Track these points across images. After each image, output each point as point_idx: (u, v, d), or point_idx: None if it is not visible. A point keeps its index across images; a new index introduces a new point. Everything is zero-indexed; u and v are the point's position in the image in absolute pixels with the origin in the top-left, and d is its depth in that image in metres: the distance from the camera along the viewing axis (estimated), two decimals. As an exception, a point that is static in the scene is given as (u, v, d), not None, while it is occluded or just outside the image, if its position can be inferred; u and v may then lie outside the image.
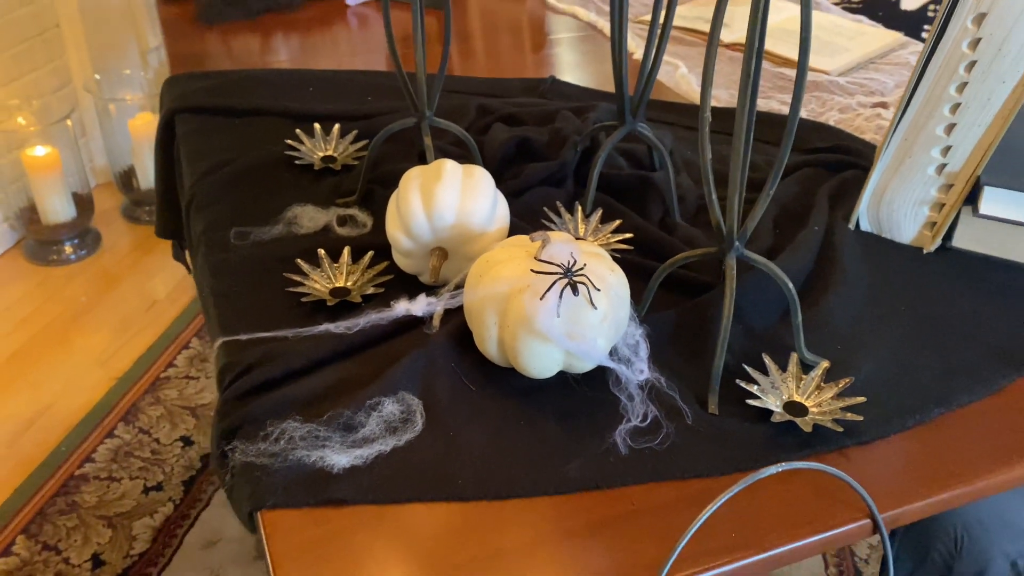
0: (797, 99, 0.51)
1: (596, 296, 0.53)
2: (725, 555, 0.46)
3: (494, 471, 0.50)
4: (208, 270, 0.67)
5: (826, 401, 0.55)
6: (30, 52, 2.05)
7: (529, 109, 0.88)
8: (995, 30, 0.62)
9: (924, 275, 0.69)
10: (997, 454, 0.53)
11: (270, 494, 0.48)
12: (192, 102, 0.93)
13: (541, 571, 0.45)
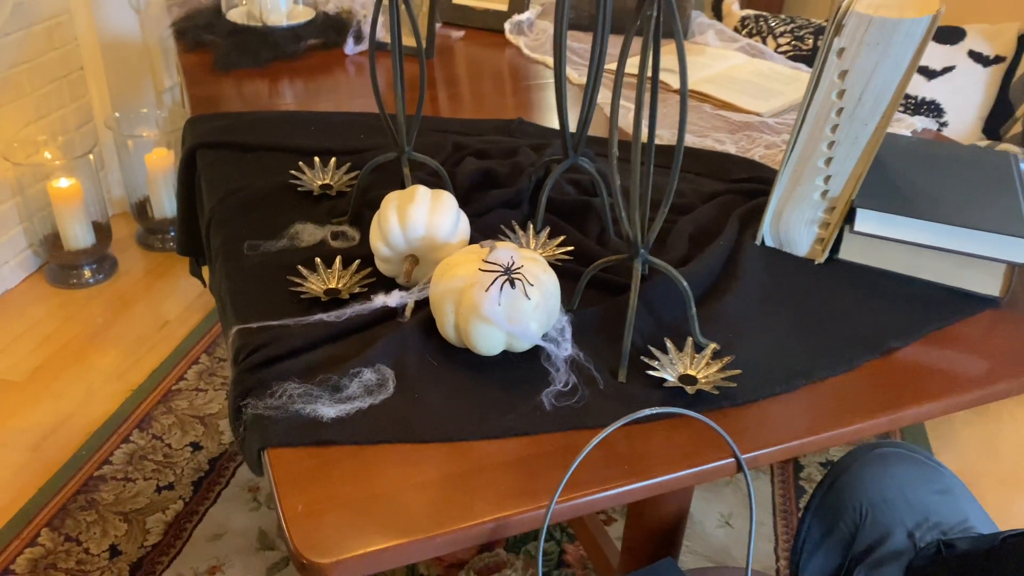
0: (680, 137, 0.67)
1: (530, 290, 0.68)
2: (619, 480, 0.61)
3: (447, 422, 0.65)
4: (225, 275, 0.82)
5: (711, 374, 0.70)
6: (57, 92, 2.23)
7: (497, 145, 1.04)
8: (854, 83, 0.78)
9: (812, 281, 0.85)
10: (842, 415, 0.68)
11: (274, 436, 0.63)
12: (210, 139, 1.09)
13: (481, 490, 0.59)
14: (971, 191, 0.87)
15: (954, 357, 0.76)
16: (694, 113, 1.22)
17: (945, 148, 0.98)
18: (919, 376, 0.73)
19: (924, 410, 0.70)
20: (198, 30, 1.43)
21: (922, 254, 0.84)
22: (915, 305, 0.82)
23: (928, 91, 1.69)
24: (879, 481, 1.05)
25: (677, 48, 0.63)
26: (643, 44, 0.63)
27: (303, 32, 1.42)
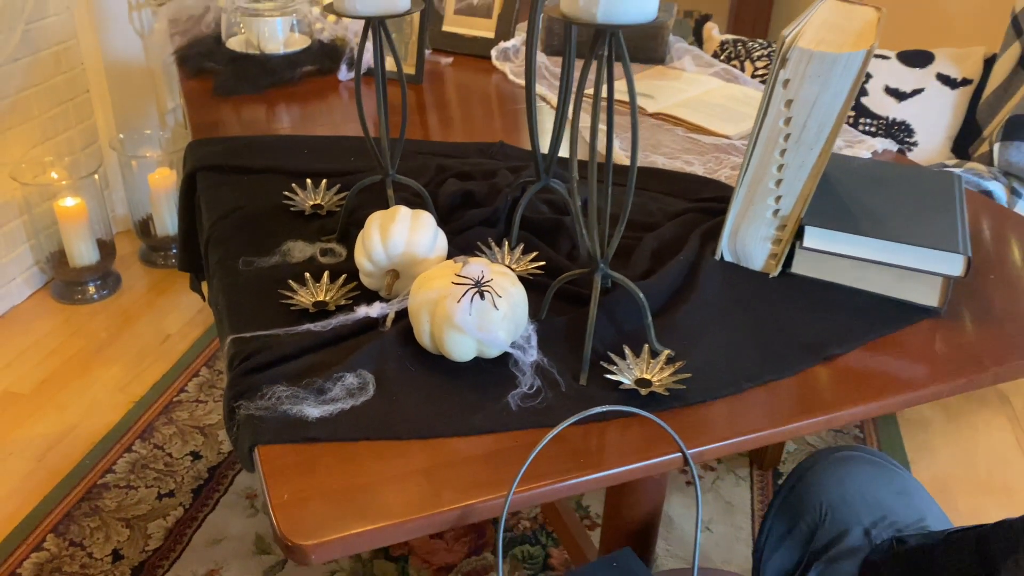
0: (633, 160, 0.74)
1: (498, 301, 0.75)
2: (575, 472, 0.67)
3: (422, 421, 0.71)
4: (222, 289, 0.89)
5: (664, 378, 0.76)
6: (64, 114, 2.31)
7: (478, 167, 1.11)
8: (799, 112, 0.85)
9: (765, 293, 0.91)
10: (783, 415, 0.75)
11: (264, 434, 0.69)
12: (210, 162, 1.16)
13: (450, 481, 0.66)
14: (913, 209, 0.94)
15: (892, 362, 0.82)
16: (667, 136, 1.29)
17: (894, 169, 1.05)
18: (858, 379, 0.80)
19: (859, 410, 0.77)
20: (199, 57, 1.51)
21: (866, 268, 0.90)
22: (860, 315, 0.88)
23: (899, 112, 1.77)
24: (839, 482, 1.11)
25: (628, 84, 0.70)
26: (596, 80, 0.70)
27: (299, 59, 1.49)
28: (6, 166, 2.13)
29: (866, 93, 1.78)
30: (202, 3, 1.68)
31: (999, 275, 0.98)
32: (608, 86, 0.71)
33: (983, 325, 0.88)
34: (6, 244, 2.19)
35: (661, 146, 1.25)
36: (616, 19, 0.65)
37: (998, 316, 0.90)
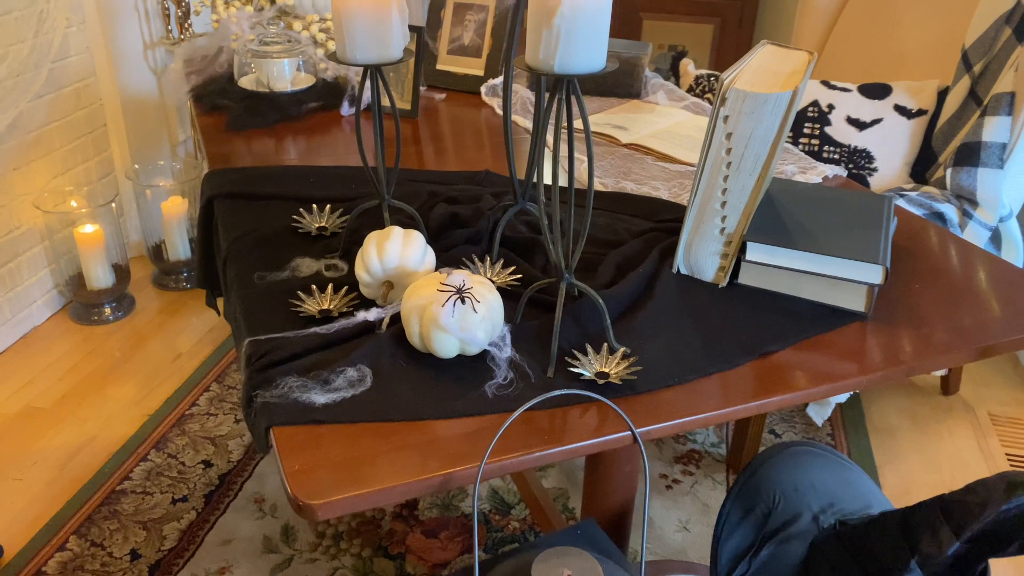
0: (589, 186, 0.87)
1: (477, 306, 0.88)
2: (540, 447, 0.80)
3: (411, 406, 0.84)
4: (240, 299, 1.02)
5: (619, 370, 0.89)
6: (82, 147, 2.46)
7: (464, 193, 1.25)
8: (738, 144, 0.99)
9: (714, 301, 1.04)
10: (720, 401, 0.87)
11: (278, 417, 0.82)
12: (226, 190, 1.30)
13: (434, 454, 0.79)
14: (843, 227, 1.07)
15: (820, 358, 0.95)
16: (637, 164, 1.43)
17: (832, 192, 1.19)
18: (788, 372, 0.92)
19: (787, 397, 0.89)
20: (214, 95, 1.65)
21: (801, 278, 1.04)
22: (795, 319, 1.01)
23: (859, 141, 1.91)
24: (792, 473, 1.24)
25: (583, 122, 0.83)
26: (556, 118, 0.84)
27: (304, 96, 1.64)
28: (30, 195, 2.27)
29: (829, 123, 1.93)
30: (215, 44, 1.83)
31: (923, 284, 1.11)
32: (568, 123, 0.85)
33: (904, 327, 1.01)
34: (29, 269, 2.32)
35: (631, 173, 1.39)
36: (570, 70, 0.79)
37: (918, 319, 1.03)
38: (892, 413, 2.14)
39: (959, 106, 1.90)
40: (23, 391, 2.13)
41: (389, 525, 1.75)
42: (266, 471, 1.88)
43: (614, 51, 1.72)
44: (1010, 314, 1.05)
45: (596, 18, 0.76)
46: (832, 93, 1.94)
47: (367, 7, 0.94)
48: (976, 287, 1.10)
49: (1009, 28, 1.84)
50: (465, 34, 1.77)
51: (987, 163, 1.80)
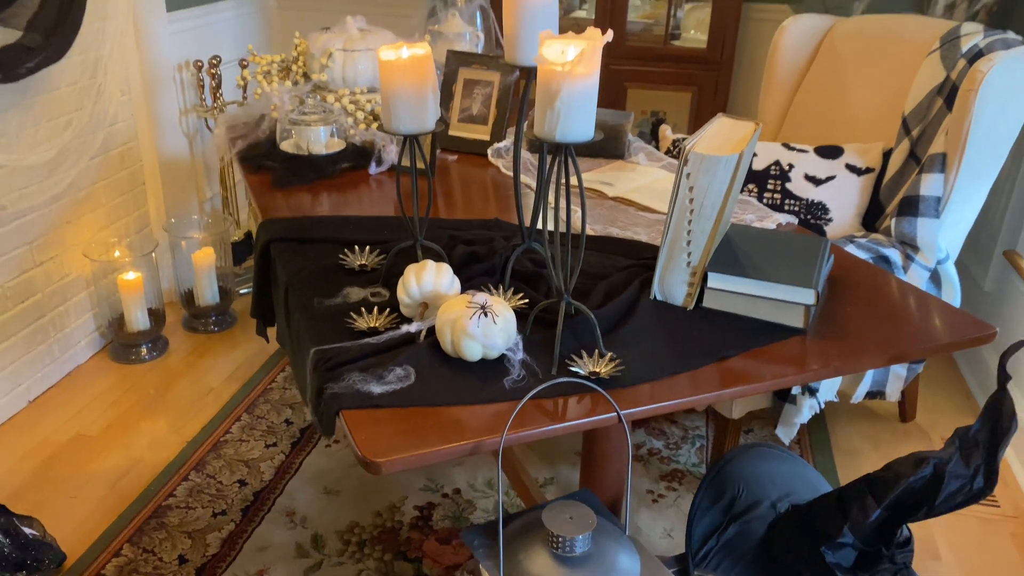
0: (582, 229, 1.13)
1: (496, 319, 1.13)
2: (547, 422, 1.05)
3: (447, 395, 1.09)
4: (303, 319, 1.28)
5: (607, 369, 1.14)
6: (124, 203, 2.73)
7: (479, 236, 1.51)
8: (698, 195, 1.26)
9: (683, 320, 1.30)
10: (686, 392, 1.13)
11: (346, 403, 1.07)
12: (279, 235, 1.56)
13: (467, 428, 1.03)
14: (787, 261, 1.33)
15: (765, 362, 1.21)
16: (622, 213, 1.70)
17: (780, 235, 1.46)
18: (739, 372, 1.18)
19: (736, 390, 1.15)
20: (259, 158, 1.93)
21: (753, 301, 1.30)
22: (747, 333, 1.27)
23: (816, 195, 2.19)
24: (754, 468, 1.48)
25: (578, 181, 1.10)
26: (555, 176, 1.11)
27: (337, 158, 1.91)
28: (79, 246, 2.53)
29: (790, 180, 2.21)
30: (257, 113, 2.11)
31: (854, 309, 1.37)
32: (566, 180, 1.12)
33: (834, 339, 1.27)
34: (75, 312, 2.57)
35: (617, 221, 1.66)
36: (567, 139, 1.06)
37: (846, 334, 1.29)
38: (855, 437, 2.39)
39: (901, 165, 2.19)
40: (72, 421, 2.36)
41: (407, 534, 1.97)
42: (295, 488, 2.11)
43: (602, 119, 2.01)
44: (918, 330, 1.31)
45: (585, 103, 1.04)
46: (792, 154, 2.23)
47: (410, 91, 1.22)
48: (895, 310, 1.37)
49: (940, 98, 2.14)
50: (473, 105, 2.06)
51: (925, 213, 2.08)
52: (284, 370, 2.62)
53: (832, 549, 1.25)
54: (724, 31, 3.26)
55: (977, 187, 2.12)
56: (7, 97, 2.12)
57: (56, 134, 2.27)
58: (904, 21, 2.42)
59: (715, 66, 3.31)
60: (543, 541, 1.03)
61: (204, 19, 3.04)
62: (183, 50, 2.88)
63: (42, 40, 2.06)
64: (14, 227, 2.27)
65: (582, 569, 1.00)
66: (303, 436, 2.30)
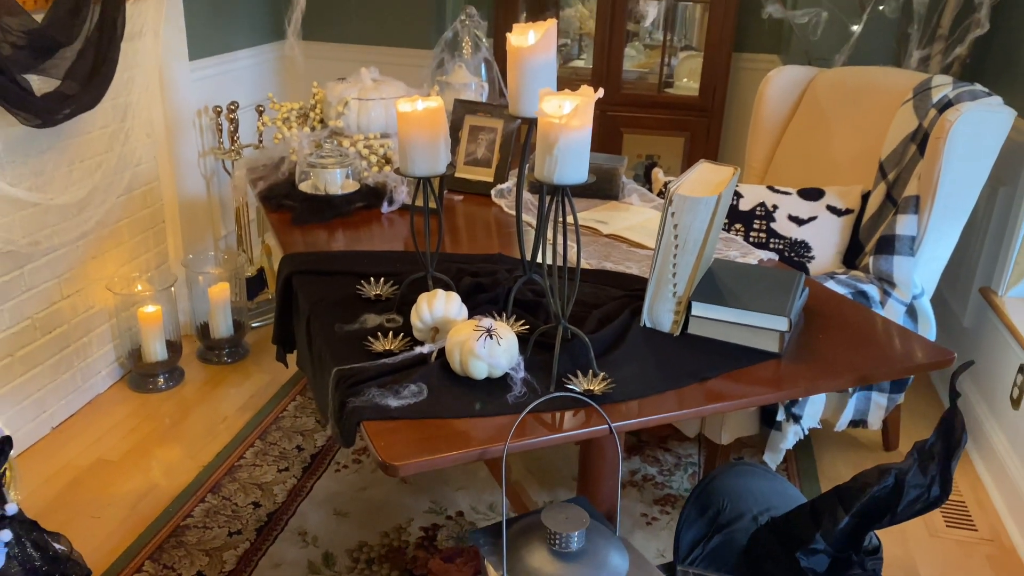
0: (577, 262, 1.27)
1: (500, 340, 1.26)
2: (546, 432, 1.17)
3: (455, 409, 1.22)
4: (325, 342, 1.41)
5: (600, 387, 1.27)
6: (145, 240, 2.87)
7: (484, 269, 1.65)
8: (682, 232, 1.40)
9: (670, 345, 1.43)
10: (671, 408, 1.25)
11: (365, 415, 1.19)
12: (301, 268, 1.70)
13: (474, 437, 1.16)
14: (764, 292, 1.47)
15: (743, 382, 1.33)
16: (615, 249, 1.84)
17: (759, 269, 1.59)
18: (719, 391, 1.31)
19: (716, 407, 1.28)
20: (280, 197, 2.08)
21: (733, 328, 1.43)
22: (728, 357, 1.40)
23: (799, 234, 2.33)
24: (737, 484, 1.60)
25: (573, 219, 1.24)
26: (554, 215, 1.25)
27: (352, 198, 2.06)
28: (103, 280, 2.67)
29: (775, 220, 2.36)
30: (276, 156, 2.27)
31: (827, 336, 1.50)
32: (563, 218, 1.26)
33: (806, 363, 1.40)
34: (98, 343, 2.70)
35: (611, 256, 1.80)
36: (564, 181, 1.20)
37: (818, 358, 1.42)
38: (840, 464, 2.50)
39: (878, 206, 2.34)
40: (94, 447, 2.47)
41: (413, 552, 2.08)
42: (307, 510, 2.22)
43: (597, 163, 2.16)
44: (884, 356, 1.44)
45: (580, 150, 1.18)
46: (776, 196, 2.38)
47: (424, 138, 1.37)
48: (864, 338, 1.50)
49: (914, 145, 2.30)
50: (478, 149, 2.22)
51: (901, 252, 2.23)
52: (295, 399, 2.74)
53: (806, 555, 1.36)
54: (715, 80, 3.44)
55: (949, 227, 2.26)
56: (45, 140, 2.28)
57: (87, 175, 2.42)
58: (881, 73, 2.59)
59: (707, 113, 3.48)
60: (541, 539, 1.15)
61: (223, 67, 3.22)
62: (203, 96, 3.05)
63: (78, 88, 2.22)
64: (44, 262, 2.41)
65: (576, 564, 1.12)
66: (314, 461, 2.41)
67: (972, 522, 2.28)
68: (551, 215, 1.27)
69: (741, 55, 3.58)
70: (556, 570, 1.11)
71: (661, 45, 3.68)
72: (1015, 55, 2.70)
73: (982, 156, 2.20)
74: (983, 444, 2.49)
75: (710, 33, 3.40)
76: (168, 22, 2.70)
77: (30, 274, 2.37)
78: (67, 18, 2.16)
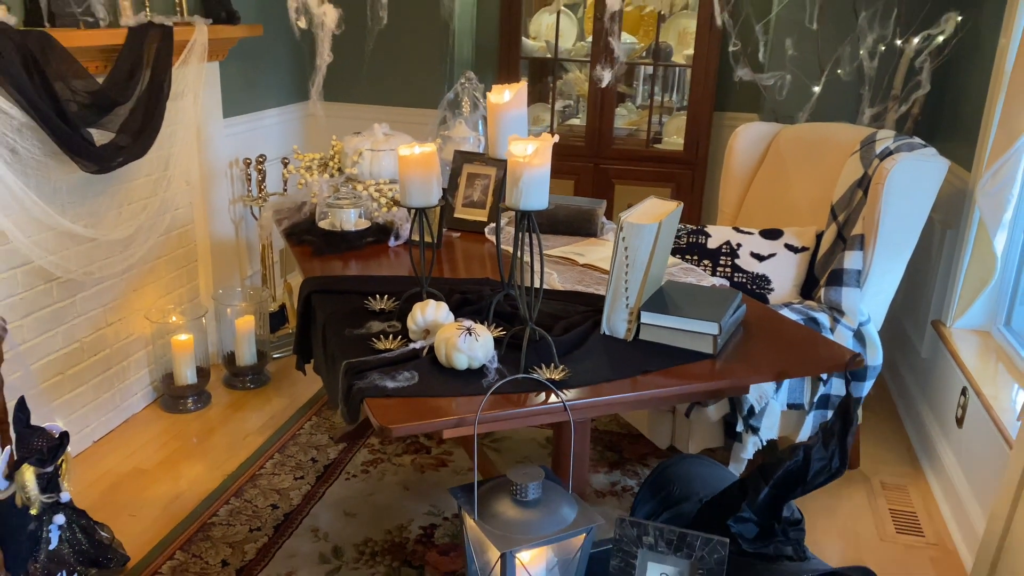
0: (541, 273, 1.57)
1: (478, 338, 1.56)
2: (510, 407, 1.46)
3: (440, 389, 1.51)
4: (337, 344, 1.71)
5: (560, 376, 1.56)
6: (179, 276, 3.20)
7: (472, 289, 1.95)
8: (631, 254, 1.69)
9: (623, 347, 1.72)
10: (615, 391, 1.54)
11: (368, 394, 1.48)
12: (319, 288, 2.01)
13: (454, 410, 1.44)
14: (703, 305, 1.76)
15: (677, 377, 1.61)
16: (588, 276, 2.14)
17: (704, 288, 1.88)
18: (657, 382, 1.59)
19: (656, 392, 1.56)
20: (301, 233, 2.40)
21: (676, 333, 1.71)
22: (670, 356, 1.68)
23: (760, 269, 2.62)
24: (686, 472, 1.86)
25: (537, 240, 1.55)
26: (522, 240, 1.55)
27: (364, 234, 2.38)
28: (142, 310, 2.99)
29: (739, 256, 2.65)
30: (299, 200, 2.60)
31: (758, 344, 1.78)
32: (531, 245, 1.56)
33: (736, 362, 1.68)
34: (135, 367, 3.01)
35: (583, 281, 2.10)
36: (528, 207, 1.51)
37: (746, 359, 1.70)
38: (804, 480, 2.73)
39: (831, 244, 2.63)
40: (130, 458, 2.76)
41: (412, 547, 2.34)
42: (319, 511, 2.48)
43: (578, 205, 2.48)
44: (803, 358, 1.72)
45: (541, 182, 1.49)
46: (740, 235, 2.68)
47: (420, 176, 1.68)
48: (789, 345, 1.78)
49: (860, 190, 2.60)
50: (474, 193, 2.54)
51: (848, 284, 2.51)
52: (311, 419, 3.02)
53: (736, 522, 1.62)
54: (698, 136, 3.77)
55: (892, 263, 2.55)
56: (100, 185, 2.63)
57: (134, 215, 2.77)
58: (835, 128, 2.91)
59: (691, 165, 3.81)
60: (507, 492, 1.43)
61: (252, 124, 3.59)
62: (235, 149, 3.41)
63: (130, 140, 2.57)
64: (94, 291, 2.74)
65: (533, 510, 1.39)
66: (326, 471, 2.69)
67: (920, 529, 2.51)
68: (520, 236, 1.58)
69: (724, 113, 3.92)
70: (517, 515, 1.38)
71: (649, 105, 4.03)
72: (958, 112, 3.02)
73: (918, 199, 2.50)
74: (934, 460, 2.73)
75: (693, 94, 3.74)
76: (206, 85, 3.07)
77: (81, 302, 2.69)
78: (123, 81, 2.53)
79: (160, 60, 2.64)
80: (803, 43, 3.13)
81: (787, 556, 1.63)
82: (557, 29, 3.97)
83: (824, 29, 3.05)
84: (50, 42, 2.23)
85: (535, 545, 1.36)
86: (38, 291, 2.52)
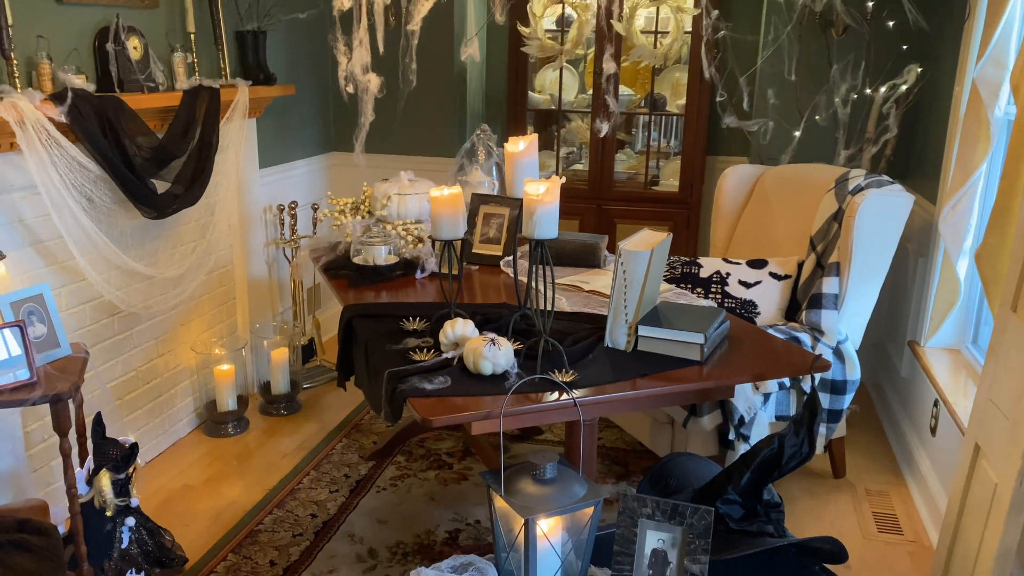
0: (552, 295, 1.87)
1: (501, 348, 1.85)
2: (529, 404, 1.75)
3: (470, 390, 1.79)
4: (379, 358, 2.00)
5: (569, 378, 1.84)
6: (220, 313, 3.51)
7: (492, 311, 2.25)
8: (629, 276, 1.99)
9: (623, 356, 2.00)
10: (616, 390, 1.82)
11: (409, 395, 1.77)
12: (358, 313, 2.31)
13: (484, 406, 1.73)
14: (691, 320, 2.05)
15: (670, 380, 1.90)
16: (593, 300, 2.44)
17: (693, 307, 2.18)
18: (653, 384, 1.87)
19: (651, 391, 1.84)
20: (337, 268, 2.71)
21: (669, 344, 2.00)
22: (663, 363, 1.97)
23: (748, 295, 2.92)
24: (683, 467, 2.14)
25: (550, 267, 1.85)
26: (536, 268, 1.86)
27: (393, 268, 2.68)
28: (188, 342, 3.29)
29: (728, 284, 2.94)
30: (333, 240, 2.91)
31: (741, 354, 2.07)
32: (543, 272, 1.86)
33: (720, 367, 1.97)
34: (181, 395, 3.30)
35: (588, 304, 2.39)
36: (541, 236, 1.81)
37: (729, 365, 1.98)
38: (795, 489, 3.00)
39: (810, 272, 2.92)
40: (179, 476, 3.03)
41: (439, 548, 2.59)
42: (354, 519, 2.75)
43: (583, 240, 2.78)
44: (776, 363, 2.01)
45: (551, 215, 1.80)
46: (728, 265, 2.98)
47: (448, 213, 1.99)
48: (765, 353, 2.07)
49: (836, 223, 2.90)
50: (490, 230, 2.85)
51: (827, 306, 2.80)
52: (342, 441, 3.30)
53: (723, 504, 1.89)
54: (692, 178, 4.10)
55: (866, 287, 2.84)
56: (157, 229, 2.95)
57: (184, 256, 3.08)
58: (813, 168, 3.23)
59: (686, 205, 4.13)
60: (527, 474, 1.71)
61: (285, 173, 3.93)
62: (269, 196, 3.75)
63: (183, 190, 2.90)
64: (148, 325, 3.04)
65: (550, 487, 1.67)
66: (359, 485, 2.96)
67: (900, 528, 2.76)
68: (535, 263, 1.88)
69: (716, 157, 4.25)
70: (536, 491, 1.66)
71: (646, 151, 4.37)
72: (925, 152, 3.34)
73: (887, 229, 2.80)
74: (913, 467, 2.98)
75: (686, 139, 4.08)
76: (246, 139, 3.42)
77: (138, 334, 3.00)
78: (179, 136, 2.87)
79: (209, 118, 2.98)
80: (783, 93, 3.46)
81: (768, 533, 1.90)
82: (560, 83, 4.33)
83: (802, 80, 3.38)
84: (122, 106, 2.57)
85: (553, 514, 1.64)
86: (102, 324, 2.82)
